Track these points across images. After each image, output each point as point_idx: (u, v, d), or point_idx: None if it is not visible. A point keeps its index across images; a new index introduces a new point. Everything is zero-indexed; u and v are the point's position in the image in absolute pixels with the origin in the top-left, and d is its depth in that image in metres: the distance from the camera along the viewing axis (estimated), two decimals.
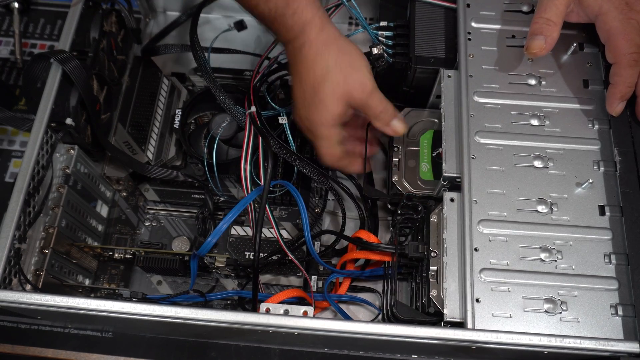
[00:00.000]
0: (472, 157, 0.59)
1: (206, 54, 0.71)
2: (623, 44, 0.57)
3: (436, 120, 0.71)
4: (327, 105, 0.60)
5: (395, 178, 0.68)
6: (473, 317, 0.52)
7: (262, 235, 0.72)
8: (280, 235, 0.65)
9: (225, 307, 0.71)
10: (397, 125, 0.64)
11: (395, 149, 0.69)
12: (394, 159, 0.69)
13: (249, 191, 0.65)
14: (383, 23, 0.70)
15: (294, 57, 0.60)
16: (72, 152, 0.66)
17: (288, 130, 0.69)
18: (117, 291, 0.68)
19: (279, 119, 0.69)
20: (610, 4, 0.58)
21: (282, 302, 0.59)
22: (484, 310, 0.53)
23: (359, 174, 0.73)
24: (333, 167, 0.69)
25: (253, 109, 0.68)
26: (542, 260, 0.55)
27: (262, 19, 0.60)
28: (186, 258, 0.69)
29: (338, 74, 0.59)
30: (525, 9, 0.66)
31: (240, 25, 0.82)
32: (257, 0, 0.58)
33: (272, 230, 0.72)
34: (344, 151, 0.66)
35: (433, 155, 0.68)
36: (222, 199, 0.75)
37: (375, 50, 0.69)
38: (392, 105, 0.64)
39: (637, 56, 0.57)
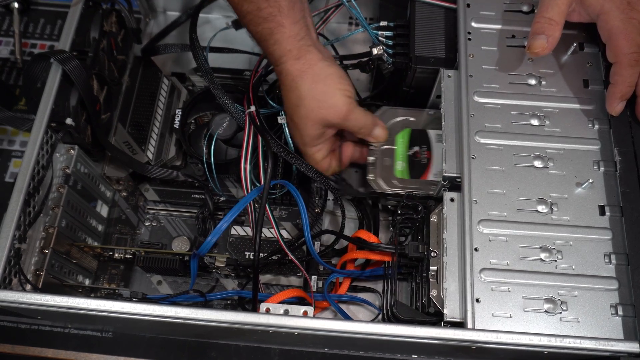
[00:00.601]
0: (472, 157, 0.59)
1: (206, 54, 0.71)
2: (624, 44, 0.57)
3: (413, 119, 0.70)
4: (302, 129, 0.63)
5: (370, 176, 0.68)
6: (473, 317, 0.52)
7: (262, 235, 0.72)
8: (280, 235, 0.65)
9: (225, 307, 0.71)
10: (377, 134, 0.66)
11: (372, 147, 0.69)
12: (369, 157, 0.68)
13: (249, 191, 0.65)
14: (383, 23, 0.70)
15: (278, 80, 0.64)
16: (72, 152, 0.66)
17: (287, 130, 0.69)
18: (117, 291, 0.68)
19: (278, 118, 0.69)
20: (612, 4, 0.58)
21: (282, 302, 0.59)
22: (484, 310, 0.53)
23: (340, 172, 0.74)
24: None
25: (253, 108, 0.68)
26: (542, 260, 0.55)
27: (253, 38, 0.63)
28: (186, 258, 0.69)
29: (311, 102, 0.61)
30: (525, 9, 0.66)
31: (237, 24, 0.82)
32: (248, 21, 0.61)
33: (272, 230, 0.72)
34: (331, 159, 0.68)
35: (409, 154, 0.68)
36: (222, 199, 0.75)
37: (375, 51, 0.69)
38: (372, 117, 0.65)
39: (638, 56, 0.57)
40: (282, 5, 0.59)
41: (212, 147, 0.70)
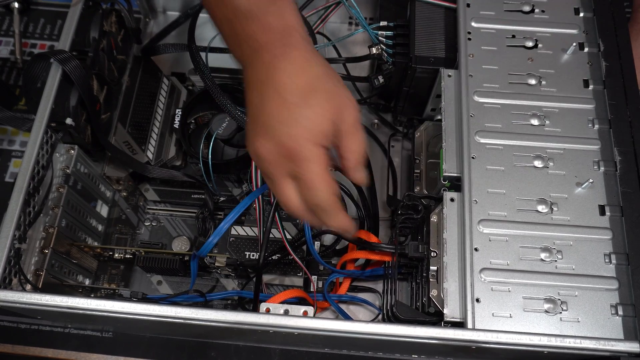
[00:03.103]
0: (472, 157, 0.59)
1: (205, 53, 0.71)
2: None
3: None
4: (314, 117, 0.47)
5: (417, 189, 0.68)
6: (473, 317, 0.52)
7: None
8: (285, 235, 0.65)
9: (225, 307, 0.71)
10: (359, 173, 0.51)
11: (417, 160, 0.69)
12: (415, 171, 0.69)
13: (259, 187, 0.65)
14: (383, 23, 0.70)
15: (270, 65, 0.48)
16: (72, 152, 0.66)
17: None
18: (117, 291, 0.68)
19: None
20: None
21: (282, 303, 0.59)
22: (484, 310, 0.53)
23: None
24: (327, 211, 0.49)
25: None
26: (542, 260, 0.55)
27: (232, 17, 0.49)
28: (186, 258, 0.69)
29: (329, 84, 0.48)
30: (525, 8, 0.66)
31: None
32: None
33: (273, 230, 0.72)
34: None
35: None
36: (222, 199, 0.75)
37: (374, 50, 0.69)
38: None
39: None
40: None
41: (210, 147, 0.70)
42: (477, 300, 0.53)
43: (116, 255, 0.71)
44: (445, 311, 0.54)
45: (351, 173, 0.51)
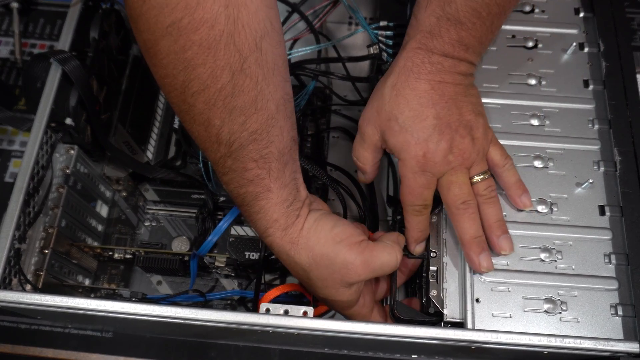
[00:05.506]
0: None
1: None
2: (408, 197, 0.56)
3: None
4: (330, 298, 0.55)
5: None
6: (473, 317, 0.52)
7: None
8: None
9: (225, 307, 0.71)
10: (418, 250, 0.58)
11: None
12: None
13: None
14: (383, 23, 0.70)
15: (271, 249, 0.55)
16: (72, 152, 0.66)
17: None
18: (117, 291, 0.68)
19: None
20: (407, 154, 0.54)
21: (280, 297, 0.59)
22: (484, 310, 0.53)
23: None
24: None
25: None
26: (542, 260, 0.55)
27: (240, 204, 0.53)
28: (186, 258, 0.69)
29: (319, 272, 0.53)
30: (525, 9, 0.66)
31: None
32: (229, 179, 0.51)
33: None
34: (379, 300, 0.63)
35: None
36: (221, 199, 0.75)
37: (371, 50, 0.69)
38: (395, 248, 0.55)
39: (420, 208, 0.56)
40: (273, 167, 0.50)
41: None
42: (477, 300, 0.53)
43: (116, 255, 0.71)
44: (445, 311, 0.54)
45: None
